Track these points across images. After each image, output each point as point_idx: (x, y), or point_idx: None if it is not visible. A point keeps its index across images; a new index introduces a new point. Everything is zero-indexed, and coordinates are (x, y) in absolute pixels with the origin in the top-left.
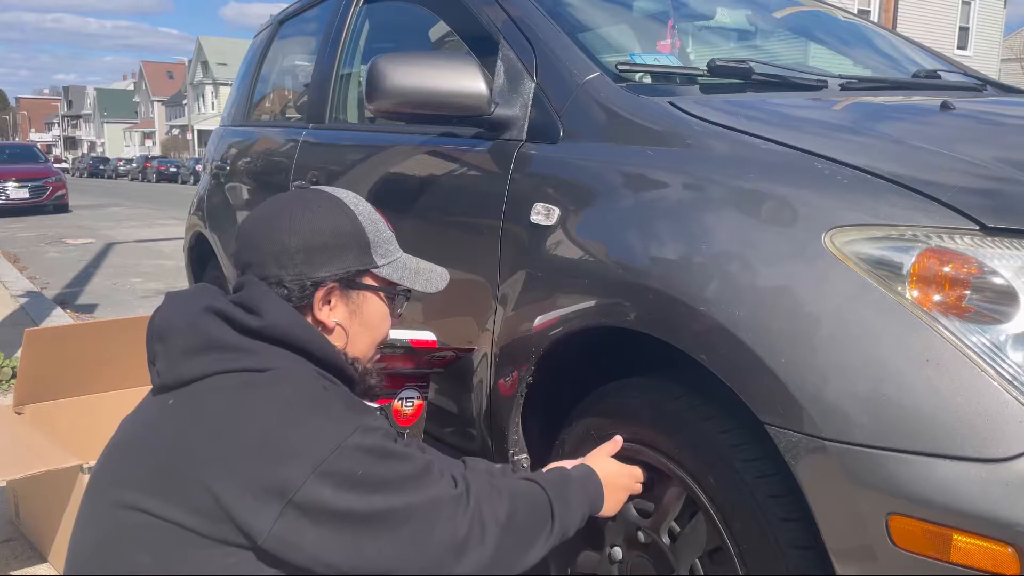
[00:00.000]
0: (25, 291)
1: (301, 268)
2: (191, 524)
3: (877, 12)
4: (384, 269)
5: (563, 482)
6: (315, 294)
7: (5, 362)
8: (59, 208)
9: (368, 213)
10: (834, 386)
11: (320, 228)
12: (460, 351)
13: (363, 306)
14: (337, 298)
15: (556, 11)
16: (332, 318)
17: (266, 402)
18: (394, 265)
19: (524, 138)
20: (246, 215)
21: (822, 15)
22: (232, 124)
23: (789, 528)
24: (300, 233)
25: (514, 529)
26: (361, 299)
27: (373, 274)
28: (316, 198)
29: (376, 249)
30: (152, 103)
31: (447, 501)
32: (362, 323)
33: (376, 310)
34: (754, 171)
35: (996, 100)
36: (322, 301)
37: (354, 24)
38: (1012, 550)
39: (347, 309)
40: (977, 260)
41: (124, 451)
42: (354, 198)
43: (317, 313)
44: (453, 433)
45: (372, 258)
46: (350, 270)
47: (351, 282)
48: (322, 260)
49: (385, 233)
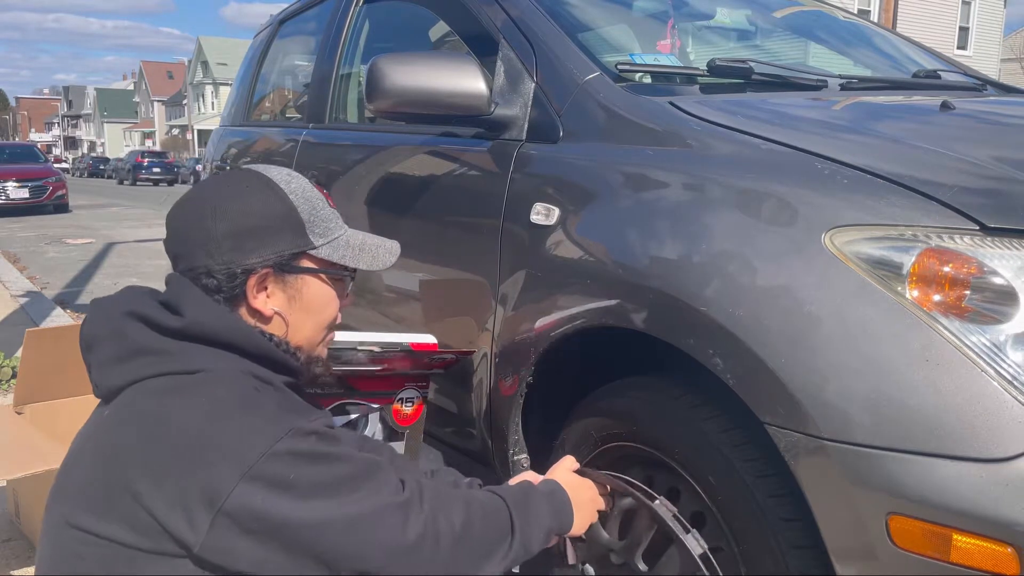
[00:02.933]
0: (25, 291)
1: (230, 255)
2: (130, 541)
3: (877, 12)
4: (323, 250)
5: (526, 496)
6: (247, 282)
7: (5, 362)
8: (59, 208)
9: (302, 190)
10: (834, 386)
11: (248, 210)
12: (460, 354)
13: (303, 291)
14: (273, 284)
15: (556, 11)
16: (269, 306)
17: (190, 408)
18: (334, 244)
19: (524, 138)
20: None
21: (822, 15)
22: (232, 124)
23: (789, 528)
24: (227, 217)
25: (470, 539)
26: (300, 283)
27: (311, 256)
28: (244, 178)
29: (313, 229)
30: (152, 103)
31: (392, 506)
32: (303, 308)
33: (318, 293)
34: (754, 171)
35: (996, 100)
36: (256, 288)
37: (354, 24)
38: (1012, 550)
39: (285, 295)
40: (977, 260)
41: (68, 466)
42: (287, 174)
43: (252, 302)
44: (453, 433)
45: (308, 239)
46: (283, 253)
47: (287, 266)
48: (252, 245)
49: (323, 211)
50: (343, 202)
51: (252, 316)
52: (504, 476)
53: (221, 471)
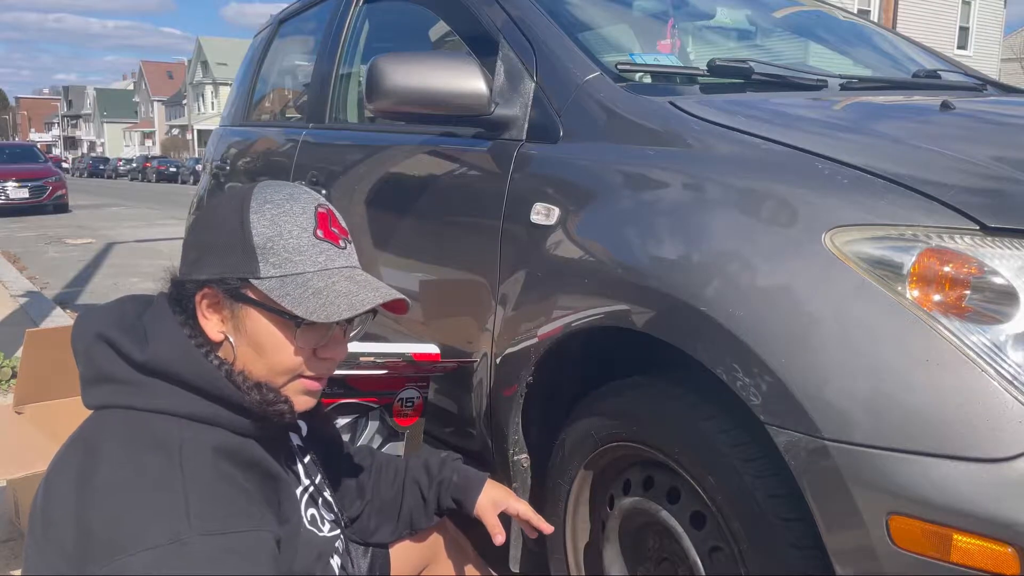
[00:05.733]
0: (25, 291)
1: (189, 267)
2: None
3: (877, 12)
4: (268, 283)
5: None
6: (194, 296)
7: (5, 362)
8: (59, 208)
9: (277, 213)
10: (834, 386)
11: (211, 225)
12: (462, 363)
13: (246, 323)
14: (223, 307)
15: (556, 11)
16: (213, 328)
17: (105, 474)
18: (285, 280)
19: (524, 138)
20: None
21: (822, 15)
22: (232, 124)
23: (789, 528)
24: (197, 229)
25: None
26: (244, 314)
27: (253, 286)
28: (237, 192)
29: (267, 257)
30: (152, 103)
31: None
32: (250, 343)
33: (263, 330)
34: (754, 171)
35: (996, 100)
36: (205, 306)
37: (354, 24)
38: (1012, 550)
39: (232, 323)
40: (977, 260)
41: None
42: (280, 195)
43: (201, 320)
44: (453, 433)
45: (256, 266)
46: (227, 277)
47: (231, 291)
48: (207, 261)
49: (293, 240)
50: (343, 202)
51: (204, 335)
52: (504, 476)
53: (97, 563)
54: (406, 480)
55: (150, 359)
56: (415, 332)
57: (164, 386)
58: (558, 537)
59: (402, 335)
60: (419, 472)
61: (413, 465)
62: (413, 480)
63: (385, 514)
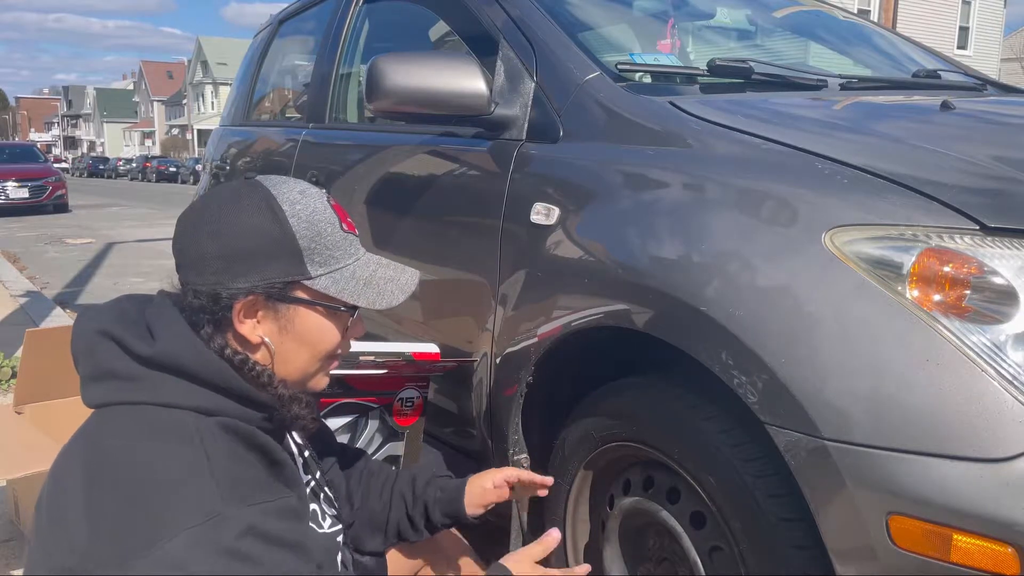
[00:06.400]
0: (25, 291)
1: (218, 277)
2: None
3: (877, 12)
4: (320, 281)
5: None
6: (232, 306)
7: (5, 362)
8: (59, 208)
9: (309, 212)
10: (834, 386)
11: (241, 232)
12: (462, 362)
13: (295, 321)
14: (263, 312)
15: (556, 11)
16: (257, 333)
17: (122, 469)
18: (335, 276)
19: (524, 138)
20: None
21: (822, 15)
22: (232, 124)
23: (789, 528)
24: (219, 236)
25: None
26: (293, 314)
27: (305, 287)
28: (248, 193)
29: (312, 257)
30: (152, 103)
31: None
32: (296, 339)
33: (313, 325)
34: (754, 171)
35: (996, 100)
36: (243, 314)
37: (354, 24)
38: (1012, 550)
39: (276, 325)
40: (977, 260)
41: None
42: (298, 192)
43: (238, 327)
44: (453, 433)
45: (304, 268)
46: (274, 282)
47: (278, 295)
48: (241, 269)
49: (330, 237)
50: (343, 202)
51: (238, 341)
52: None
53: (117, 553)
54: (393, 492)
55: (158, 352)
56: (415, 332)
57: (170, 379)
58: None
59: (402, 335)
60: (406, 486)
61: (402, 477)
62: (400, 494)
63: (374, 525)
